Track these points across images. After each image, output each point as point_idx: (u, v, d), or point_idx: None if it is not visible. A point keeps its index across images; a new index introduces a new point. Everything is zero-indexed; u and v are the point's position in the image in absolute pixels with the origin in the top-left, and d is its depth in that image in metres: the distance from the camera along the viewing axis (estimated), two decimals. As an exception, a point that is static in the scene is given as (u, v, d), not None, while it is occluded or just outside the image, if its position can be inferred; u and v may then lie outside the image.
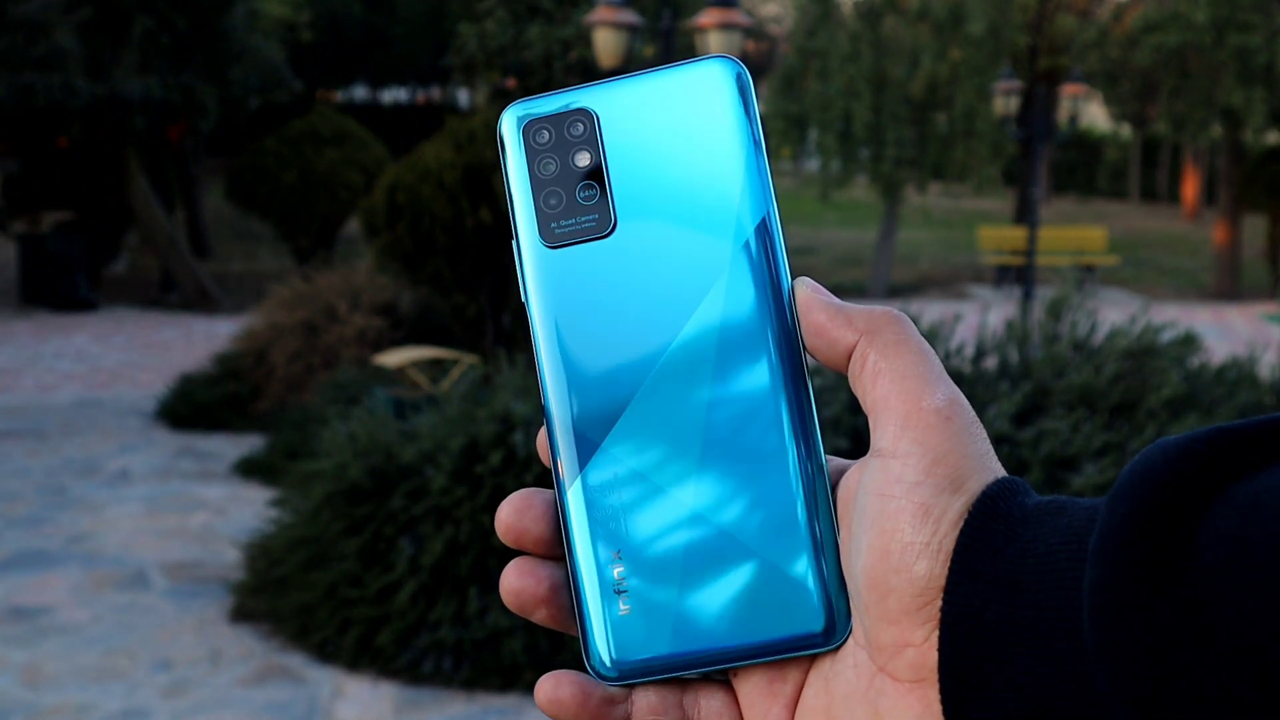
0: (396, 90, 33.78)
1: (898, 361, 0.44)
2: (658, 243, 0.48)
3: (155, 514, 6.47)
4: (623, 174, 0.48)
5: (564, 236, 0.48)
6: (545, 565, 0.47)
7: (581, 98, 0.49)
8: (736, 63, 0.48)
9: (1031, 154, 13.56)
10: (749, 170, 0.47)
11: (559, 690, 0.46)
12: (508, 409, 4.55)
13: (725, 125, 0.47)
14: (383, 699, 4.27)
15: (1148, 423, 4.37)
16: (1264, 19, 16.15)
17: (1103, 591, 0.37)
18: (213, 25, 14.51)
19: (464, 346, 8.34)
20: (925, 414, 0.43)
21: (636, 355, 0.47)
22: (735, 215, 0.47)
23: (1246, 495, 0.36)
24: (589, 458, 0.47)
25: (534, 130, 0.49)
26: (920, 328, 4.90)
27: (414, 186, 7.84)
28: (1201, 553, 0.36)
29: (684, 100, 0.48)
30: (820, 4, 17.50)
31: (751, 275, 0.47)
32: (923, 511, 0.42)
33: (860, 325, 0.45)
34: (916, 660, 0.42)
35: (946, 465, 0.42)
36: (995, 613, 0.40)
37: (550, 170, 0.49)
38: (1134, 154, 32.86)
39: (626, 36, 7.33)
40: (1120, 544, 0.37)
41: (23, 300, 15.08)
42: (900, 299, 14.56)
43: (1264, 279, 18.66)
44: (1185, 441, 0.38)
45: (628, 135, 0.48)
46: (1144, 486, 0.38)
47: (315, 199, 15.45)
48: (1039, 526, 0.41)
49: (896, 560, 0.42)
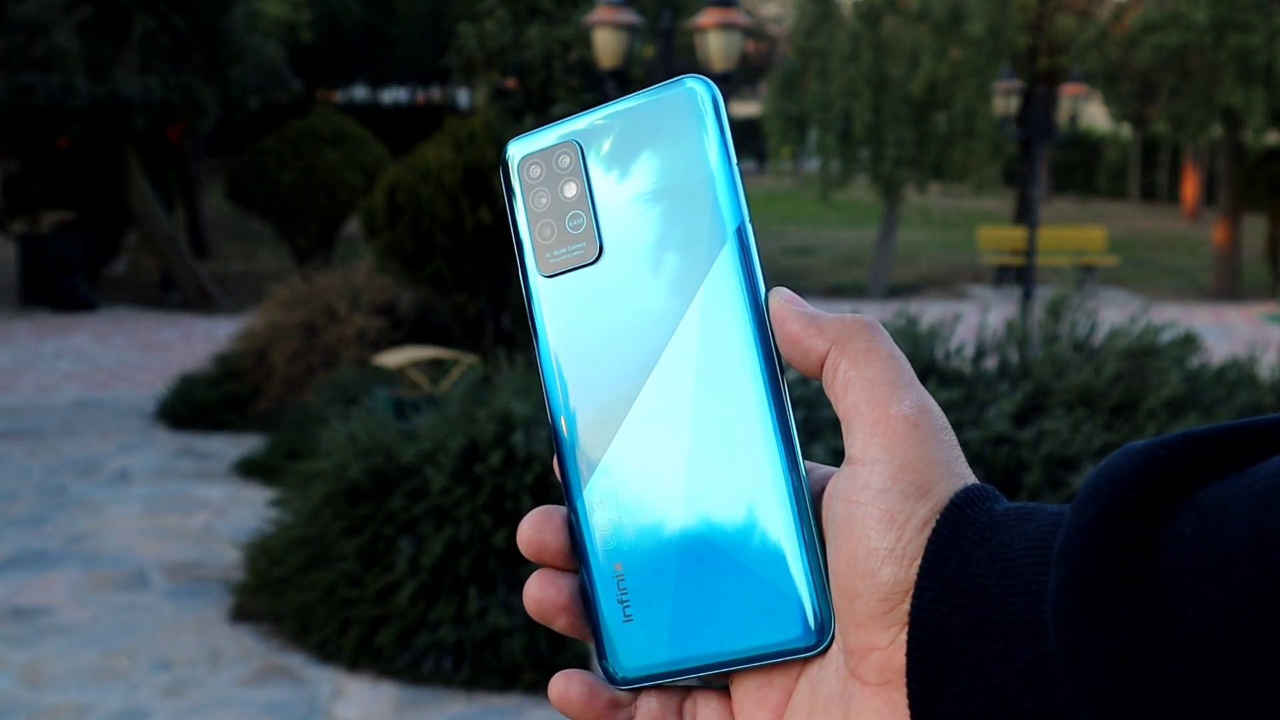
0: (396, 90, 33.79)
1: (867, 370, 0.45)
2: (641, 265, 0.49)
3: (155, 514, 6.47)
4: (605, 201, 0.50)
5: (558, 265, 0.51)
6: (565, 576, 0.50)
7: (568, 130, 0.51)
8: (706, 81, 0.49)
9: (1031, 154, 13.56)
10: (721, 184, 0.48)
11: (570, 689, 0.48)
12: (508, 409, 4.54)
13: (696, 143, 0.49)
14: (383, 699, 4.27)
15: (1148, 423, 4.37)
16: (1264, 19, 16.14)
17: (1066, 591, 0.38)
18: (213, 25, 14.51)
19: (464, 346, 8.34)
20: (893, 421, 0.44)
21: (628, 376, 0.49)
22: (709, 231, 0.48)
23: (1211, 499, 0.36)
24: (590, 474, 0.50)
25: (528, 165, 0.52)
26: (920, 328, 4.90)
27: (414, 186, 7.84)
28: (1165, 554, 0.36)
29: (658, 123, 0.50)
30: (820, 4, 17.50)
31: (727, 289, 0.48)
32: (888, 518, 0.43)
33: (831, 334, 0.46)
34: (882, 663, 0.43)
35: (913, 472, 0.43)
36: (961, 617, 0.41)
37: (543, 203, 0.51)
38: (1134, 154, 32.86)
39: (626, 37, 7.32)
40: (1084, 545, 0.38)
41: (23, 300, 15.09)
42: (900, 299, 14.55)
43: (1264, 279, 18.65)
44: (1151, 446, 0.39)
45: (609, 163, 0.50)
46: (1109, 490, 0.38)
47: (315, 199, 15.45)
48: (1006, 533, 0.41)
49: (863, 565, 0.43)
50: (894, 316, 5.06)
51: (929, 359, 4.75)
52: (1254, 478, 0.36)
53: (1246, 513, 0.35)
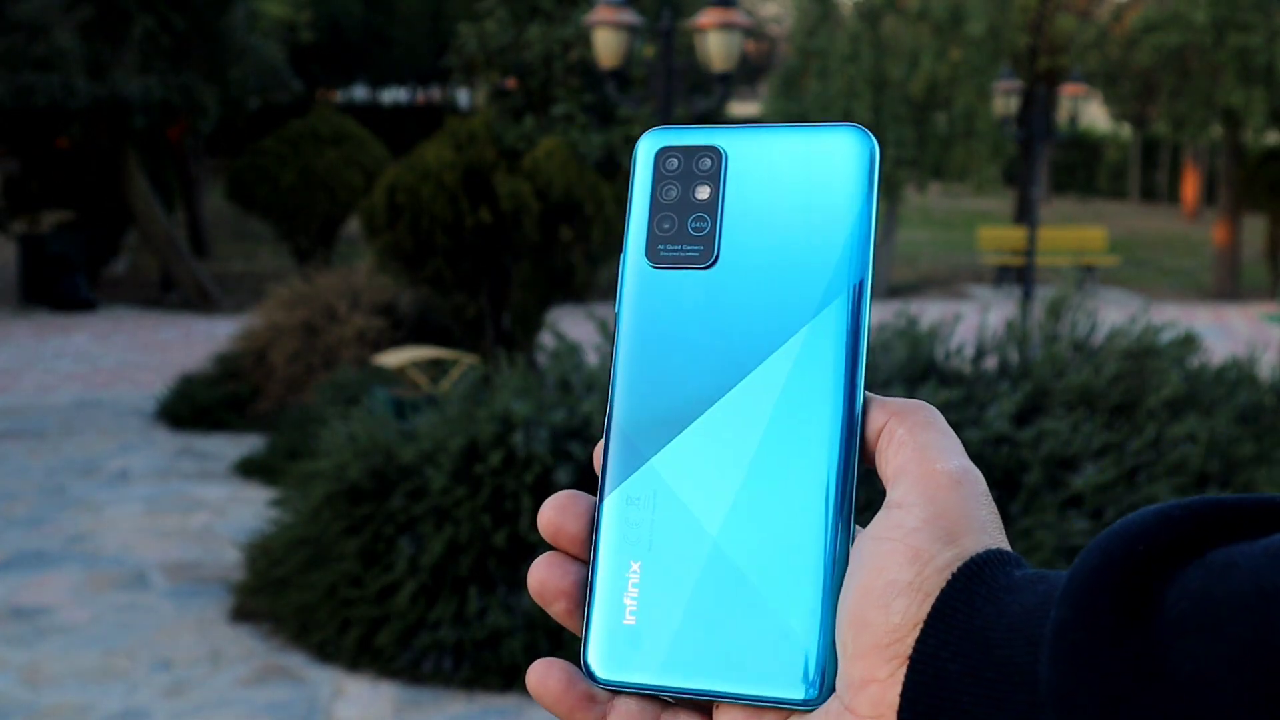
0: (396, 90, 33.76)
1: (922, 436, 0.46)
2: (752, 285, 0.49)
3: (155, 514, 6.47)
4: (735, 214, 0.50)
5: (668, 259, 0.51)
6: (574, 563, 0.50)
7: (717, 137, 0.51)
8: (870, 137, 0.50)
9: (1031, 154, 13.56)
10: (855, 240, 0.49)
11: (548, 677, 0.48)
12: (508, 409, 4.54)
13: (843, 192, 0.49)
14: (383, 699, 4.27)
15: (1148, 423, 4.37)
16: (1264, 19, 16.14)
17: (1063, 633, 0.38)
18: (213, 25, 14.51)
19: (464, 346, 8.35)
20: (937, 475, 0.45)
21: (705, 386, 0.49)
22: (830, 277, 0.48)
23: (1220, 558, 0.36)
24: (634, 470, 0.49)
25: (666, 156, 0.52)
26: (920, 328, 4.90)
27: (414, 186, 7.84)
28: (1167, 606, 0.36)
29: (811, 159, 0.50)
30: (820, 4, 17.50)
31: (830, 337, 0.48)
32: (913, 554, 0.43)
33: (892, 409, 0.48)
34: (877, 696, 0.43)
35: (946, 519, 0.44)
36: (960, 665, 0.41)
37: (671, 196, 0.51)
38: (1134, 154, 32.85)
39: (626, 36, 7.32)
40: (1085, 590, 0.38)
41: (23, 300, 15.09)
42: (900, 299, 14.55)
43: (1264, 279, 18.65)
44: (1167, 507, 0.39)
45: (750, 180, 0.50)
46: (1118, 542, 0.39)
47: (315, 199, 15.45)
48: (1020, 594, 0.41)
49: (878, 596, 0.43)
50: (894, 316, 5.06)
51: (929, 359, 4.75)
52: (1269, 542, 0.36)
53: (1254, 570, 0.35)
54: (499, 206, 7.86)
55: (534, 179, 7.88)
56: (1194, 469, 4.23)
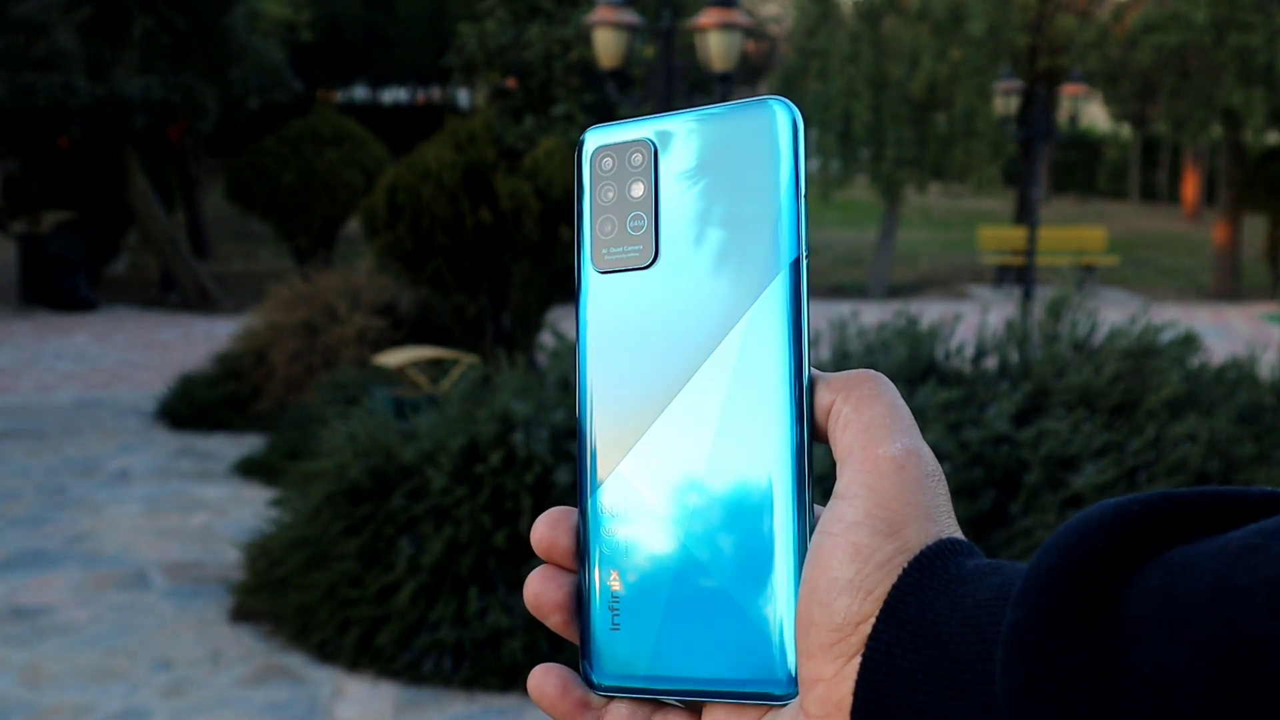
0: (396, 90, 33.77)
1: (867, 413, 0.45)
2: (691, 279, 0.49)
3: (155, 514, 6.47)
4: (670, 207, 0.49)
5: (612, 263, 0.50)
6: (566, 576, 0.51)
7: (646, 128, 0.50)
8: (790, 106, 0.48)
9: (1031, 154, 13.56)
10: (786, 214, 0.47)
11: (546, 683, 0.49)
12: (508, 409, 4.54)
13: (769, 166, 0.48)
14: (383, 699, 4.27)
15: (1148, 423, 4.37)
16: (1264, 19, 16.14)
17: (1018, 634, 0.37)
18: (213, 25, 14.51)
19: (464, 346, 8.34)
20: (879, 460, 0.44)
21: (658, 389, 0.49)
22: (765, 258, 0.47)
23: (1181, 557, 0.36)
24: (605, 479, 0.49)
25: (602, 156, 0.51)
26: (920, 328, 4.90)
27: (414, 186, 7.84)
28: (1126, 605, 0.36)
29: (737, 138, 0.48)
30: (820, 4, 17.50)
31: (772, 320, 0.47)
32: (853, 549, 0.43)
33: (838, 385, 0.47)
34: (824, 695, 0.43)
35: (887, 510, 0.43)
36: (912, 661, 0.40)
37: (609, 198, 0.50)
38: (1134, 154, 32.85)
39: (626, 36, 7.32)
40: (1042, 589, 0.37)
41: (23, 300, 15.09)
42: (900, 299, 14.55)
43: (1264, 279, 18.65)
44: (1125, 502, 0.38)
45: (679, 169, 0.49)
46: (1076, 539, 0.38)
47: (315, 199, 15.45)
48: (972, 585, 0.41)
49: (821, 595, 0.43)
50: (894, 316, 5.06)
51: (929, 359, 4.75)
52: (1227, 539, 0.35)
53: (1214, 570, 0.35)
54: (499, 206, 7.86)
55: (534, 179, 7.88)
56: (1194, 469, 4.23)
